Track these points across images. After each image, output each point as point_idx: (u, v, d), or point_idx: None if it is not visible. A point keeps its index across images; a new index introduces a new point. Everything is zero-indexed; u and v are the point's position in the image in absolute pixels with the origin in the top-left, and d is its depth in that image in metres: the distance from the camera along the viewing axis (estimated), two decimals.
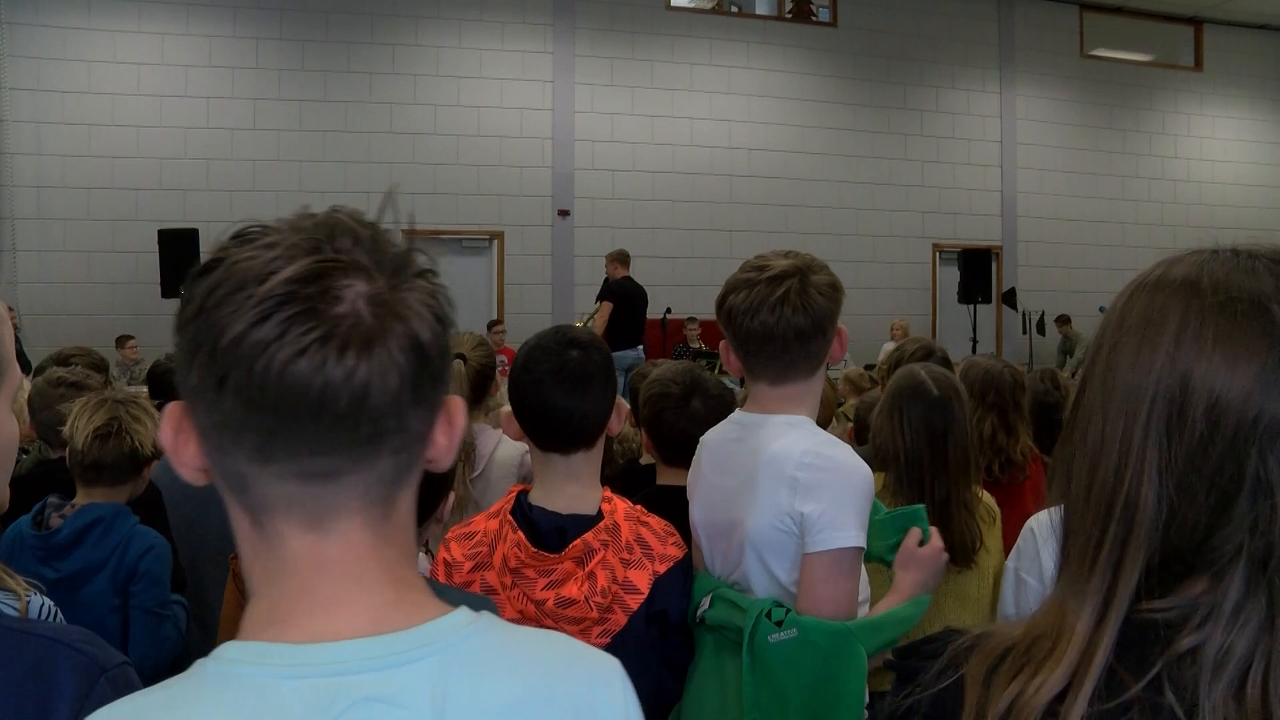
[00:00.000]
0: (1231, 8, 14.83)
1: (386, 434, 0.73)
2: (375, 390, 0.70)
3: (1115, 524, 0.75)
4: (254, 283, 0.69)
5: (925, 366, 2.57)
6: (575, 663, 0.83)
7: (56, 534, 2.43)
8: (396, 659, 0.73)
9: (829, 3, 13.70)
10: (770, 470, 1.78)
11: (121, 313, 10.57)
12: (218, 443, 0.72)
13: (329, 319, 0.69)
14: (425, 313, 0.74)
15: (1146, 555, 0.74)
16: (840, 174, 13.44)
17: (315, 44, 11.53)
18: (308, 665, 0.71)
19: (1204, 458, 0.73)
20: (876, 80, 13.68)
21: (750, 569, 1.82)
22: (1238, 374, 0.73)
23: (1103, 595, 0.74)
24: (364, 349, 0.69)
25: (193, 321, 0.71)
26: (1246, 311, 0.75)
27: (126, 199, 10.89)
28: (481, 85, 12.06)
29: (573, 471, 1.80)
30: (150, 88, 11.02)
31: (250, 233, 0.74)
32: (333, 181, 11.39)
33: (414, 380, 0.72)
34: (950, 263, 13.64)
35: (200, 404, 0.72)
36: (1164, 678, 0.71)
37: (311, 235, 0.72)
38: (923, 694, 0.81)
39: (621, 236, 11.95)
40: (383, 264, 0.73)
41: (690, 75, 12.85)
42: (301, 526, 0.74)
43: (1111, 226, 14.72)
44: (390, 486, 0.76)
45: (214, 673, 0.72)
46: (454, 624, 0.77)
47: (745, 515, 1.81)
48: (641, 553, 1.78)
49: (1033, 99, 14.48)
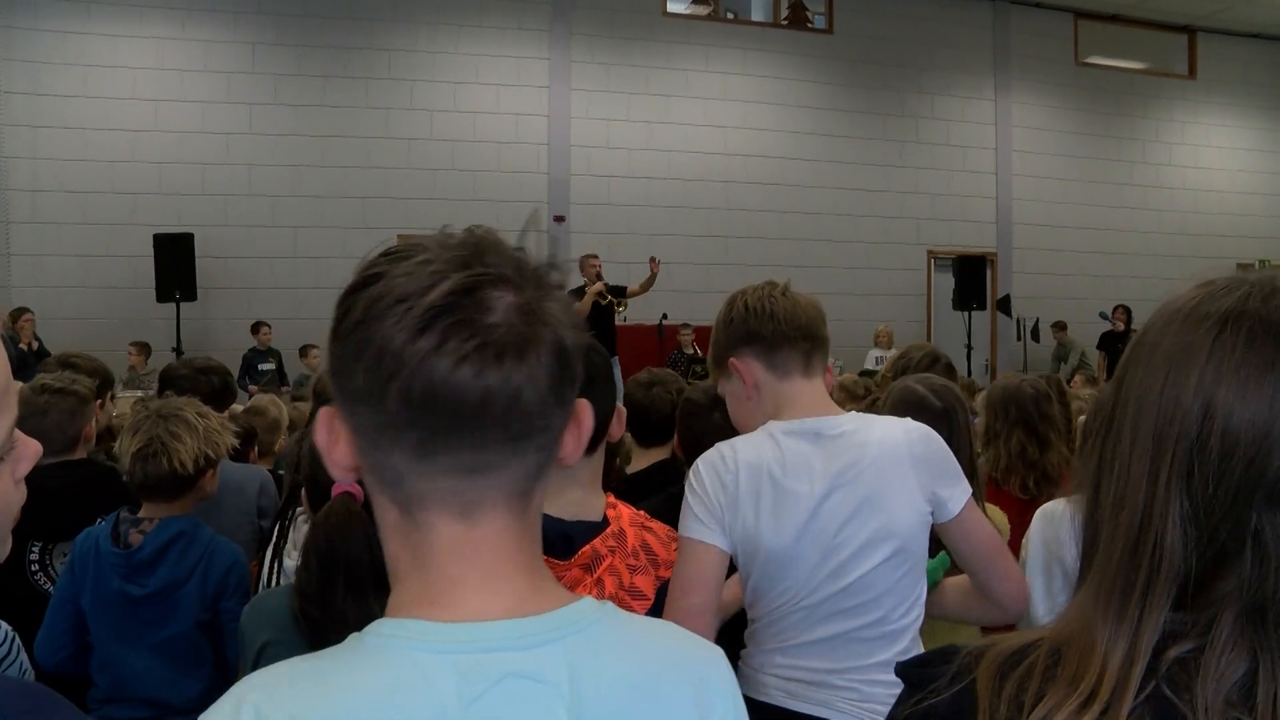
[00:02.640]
0: (1225, 16, 14.89)
1: (534, 432, 0.80)
2: (527, 393, 0.77)
3: (1145, 566, 0.76)
4: (416, 295, 0.75)
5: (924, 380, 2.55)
6: (689, 648, 0.92)
7: (139, 551, 2.43)
8: (537, 639, 0.79)
9: (825, 9, 13.74)
10: (893, 460, 1.85)
11: (117, 318, 10.56)
12: (377, 441, 0.79)
13: (484, 328, 0.75)
14: (565, 320, 0.81)
15: (1172, 593, 0.75)
16: (836, 180, 13.45)
17: (312, 49, 11.54)
18: (459, 642, 0.77)
19: (1216, 504, 0.74)
20: (872, 87, 13.71)
21: (896, 579, 1.85)
22: (1250, 404, 0.74)
23: (1131, 638, 0.75)
24: (518, 355, 0.76)
25: (355, 330, 0.77)
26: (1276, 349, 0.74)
27: (123, 203, 10.88)
28: (478, 91, 12.07)
29: (574, 478, 1.78)
30: (147, 92, 11.02)
31: (403, 251, 0.80)
32: (329, 187, 11.40)
33: (558, 382, 0.80)
34: (945, 269, 13.67)
35: (363, 407, 0.78)
36: (1161, 683, 0.73)
37: (460, 252, 0.79)
38: (937, 699, 0.82)
39: (617, 242, 11.96)
40: (526, 277, 0.80)
41: (686, 82, 12.87)
42: (451, 517, 0.80)
43: (1106, 234, 14.75)
44: (531, 480, 0.83)
45: (371, 646, 0.77)
46: (584, 610, 0.83)
47: (879, 510, 1.83)
48: (646, 559, 1.78)
49: (1028, 106, 14.51)
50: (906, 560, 1.84)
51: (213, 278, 10.77)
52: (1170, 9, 14.66)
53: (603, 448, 1.85)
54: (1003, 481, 3.04)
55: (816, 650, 1.85)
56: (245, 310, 10.86)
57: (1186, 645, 0.73)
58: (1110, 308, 13.03)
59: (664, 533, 1.86)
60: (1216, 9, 14.60)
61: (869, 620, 1.83)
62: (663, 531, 1.86)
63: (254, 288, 11.04)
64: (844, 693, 1.82)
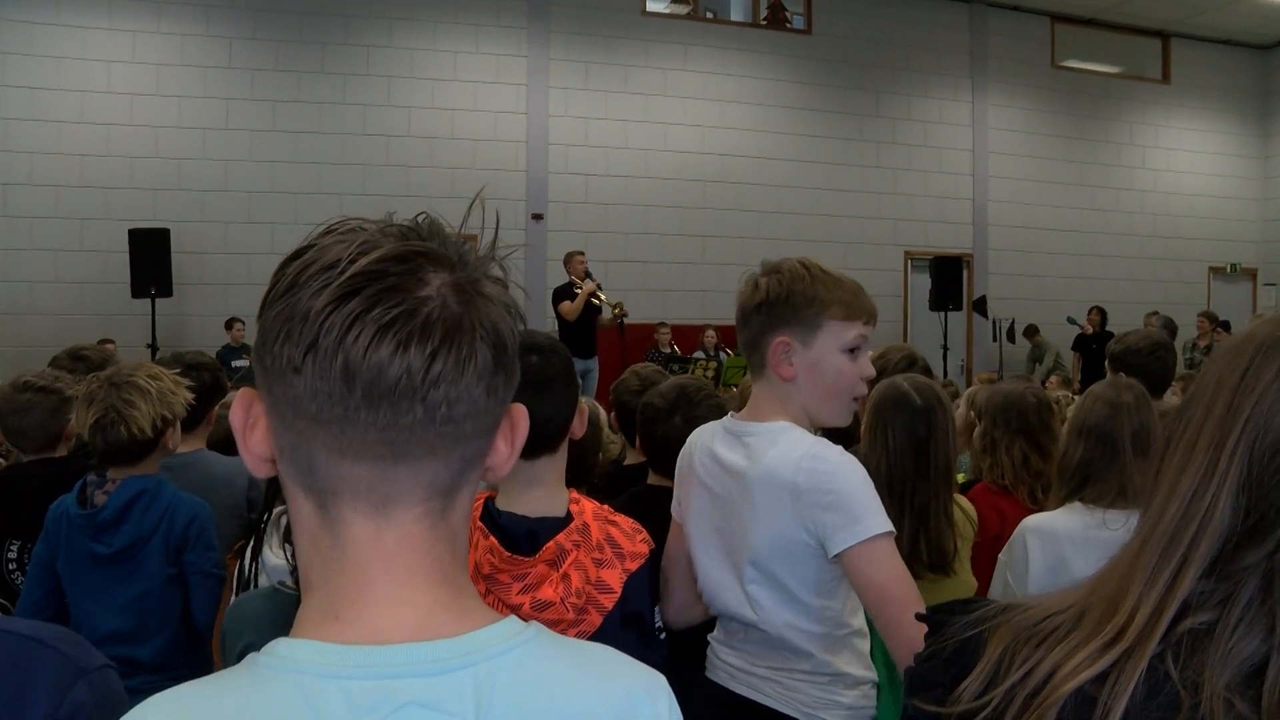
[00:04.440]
0: (1198, 22, 15.05)
1: (459, 420, 0.74)
2: (453, 375, 0.73)
3: (1195, 524, 0.78)
4: (346, 261, 0.71)
5: (908, 377, 2.57)
6: (621, 674, 0.84)
7: (102, 511, 2.48)
8: (445, 665, 0.73)
9: (803, 10, 13.78)
10: (768, 487, 1.80)
11: (90, 313, 10.46)
12: (292, 421, 0.74)
13: (414, 299, 0.71)
14: (500, 307, 0.77)
15: (1212, 554, 0.77)
16: (813, 180, 13.50)
17: (289, 44, 11.47)
18: (356, 667, 0.72)
19: (1268, 475, 0.76)
20: (849, 88, 13.76)
21: (749, 578, 1.86)
22: None
23: (1166, 589, 0.77)
24: (447, 333, 0.72)
25: (281, 298, 0.73)
26: None
27: (96, 198, 10.77)
28: (456, 88, 12.04)
29: (537, 476, 1.78)
30: (121, 86, 10.91)
31: (344, 224, 0.77)
32: (306, 183, 11.33)
33: (490, 372, 0.75)
34: (922, 270, 13.75)
35: (279, 382, 0.73)
36: (1167, 652, 0.74)
37: (400, 228, 0.76)
38: (946, 642, 0.87)
39: (595, 240, 11.95)
40: (465, 260, 0.77)
41: (664, 80, 12.88)
42: (364, 513, 0.75)
43: (1080, 235, 14.87)
44: (454, 478, 0.77)
45: (264, 667, 0.73)
46: (503, 632, 0.78)
47: (748, 526, 1.85)
48: (612, 552, 1.79)
49: (1004, 108, 14.61)
50: (780, 587, 1.83)
51: (188, 274, 10.69)
52: (1145, 14, 14.80)
53: (565, 446, 1.85)
54: (1012, 489, 3.00)
55: (741, 645, 1.93)
56: (220, 307, 10.78)
57: (1203, 617, 0.75)
58: (1085, 309, 13.15)
59: (629, 526, 1.87)
60: (1190, 15, 14.75)
61: (767, 632, 1.87)
62: (627, 525, 1.87)
63: (230, 284, 10.96)
64: (770, 683, 1.88)
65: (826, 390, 1.89)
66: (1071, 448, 2.44)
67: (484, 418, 0.77)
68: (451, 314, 0.73)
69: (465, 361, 0.73)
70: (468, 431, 0.76)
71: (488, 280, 0.78)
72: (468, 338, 0.73)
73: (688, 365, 9.39)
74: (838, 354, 1.88)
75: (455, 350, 0.72)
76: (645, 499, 2.50)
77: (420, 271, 0.73)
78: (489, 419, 0.78)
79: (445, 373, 0.72)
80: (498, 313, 0.76)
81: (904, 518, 2.32)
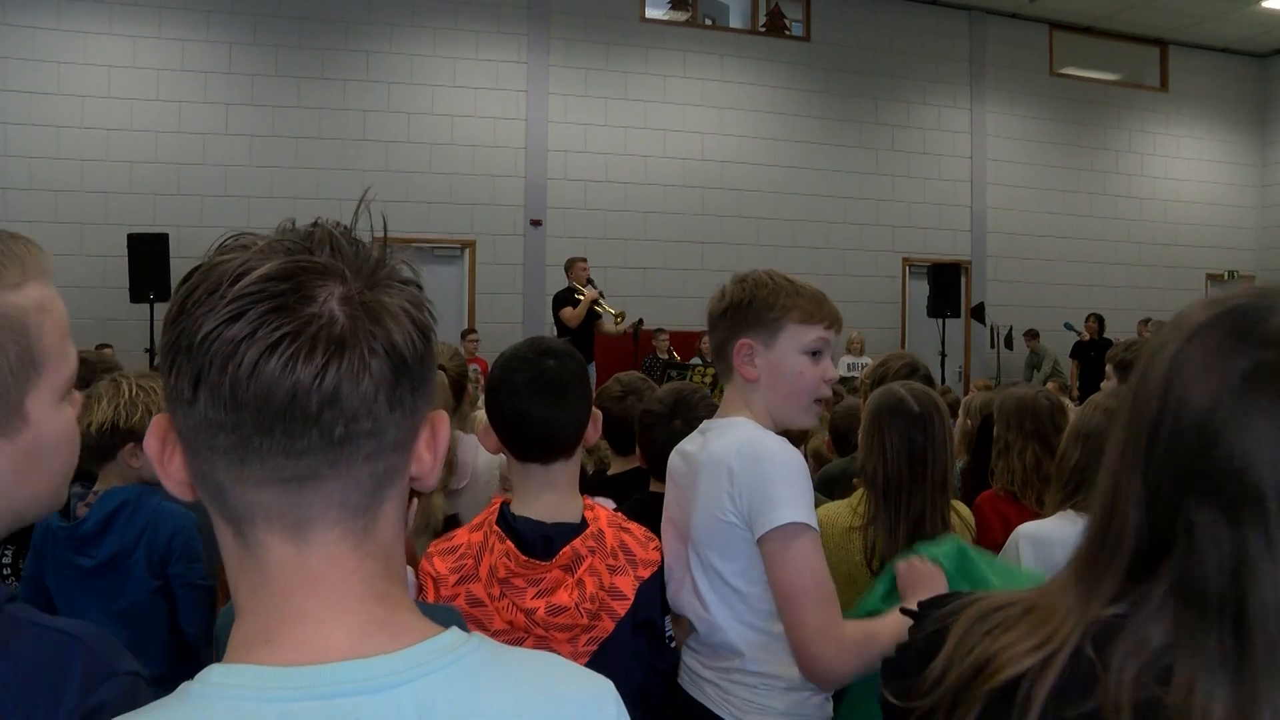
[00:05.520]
0: (1196, 30, 15.08)
1: (359, 437, 0.71)
2: (346, 391, 0.70)
3: (1108, 543, 0.84)
4: (228, 282, 0.69)
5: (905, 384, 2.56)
6: (566, 684, 0.82)
7: (84, 523, 2.45)
8: (385, 681, 0.71)
9: (802, 17, 13.80)
10: (710, 469, 1.86)
11: (89, 317, 10.44)
12: (195, 449, 0.72)
13: (300, 317, 0.69)
14: (401, 317, 0.73)
15: (1125, 568, 0.82)
16: (811, 187, 13.52)
17: (288, 50, 11.48)
18: (294, 689, 0.70)
19: (1163, 490, 0.80)
20: (848, 95, 13.79)
21: (694, 571, 1.90)
22: (1200, 395, 0.79)
23: (1085, 605, 0.83)
24: (335, 349, 0.69)
25: (173, 324, 0.71)
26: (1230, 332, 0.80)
27: (95, 202, 10.78)
28: (455, 94, 12.05)
29: (551, 481, 1.80)
30: (121, 91, 10.92)
31: (235, 241, 0.75)
32: (305, 188, 11.33)
33: (390, 385, 0.72)
34: (920, 277, 13.75)
35: (179, 407, 0.71)
36: (1088, 638, 0.81)
37: (289, 241, 0.73)
38: (919, 634, 0.93)
39: (593, 247, 11.95)
40: (360, 270, 0.73)
41: (664, 87, 12.90)
42: (281, 536, 0.73)
43: (1079, 243, 14.89)
44: (369, 496, 0.75)
45: (198, 695, 0.70)
46: (444, 645, 0.76)
47: (691, 511, 1.91)
48: (625, 559, 1.80)
49: (1002, 116, 14.64)
50: (714, 573, 1.85)
51: None
52: (1143, 22, 14.83)
53: (579, 452, 1.86)
54: (1020, 495, 2.98)
55: (696, 647, 1.96)
56: None
57: (1119, 608, 0.81)
58: (1082, 316, 13.17)
59: (641, 533, 1.89)
60: (1188, 23, 14.78)
61: (710, 624, 1.89)
62: (640, 532, 1.89)
63: None
64: (711, 685, 1.91)
65: (787, 391, 1.95)
66: (1069, 452, 2.45)
67: (390, 433, 0.74)
68: (339, 329, 0.70)
69: (357, 377, 0.70)
70: (371, 449, 0.73)
71: (391, 287, 0.74)
72: (357, 353, 0.70)
73: (685, 371, 9.39)
74: (798, 356, 1.95)
75: (345, 366, 0.69)
76: (648, 506, 2.49)
77: (307, 288, 0.70)
78: (397, 433, 0.75)
79: (334, 391, 0.69)
80: (396, 323, 0.73)
81: (900, 524, 2.32)
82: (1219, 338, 0.79)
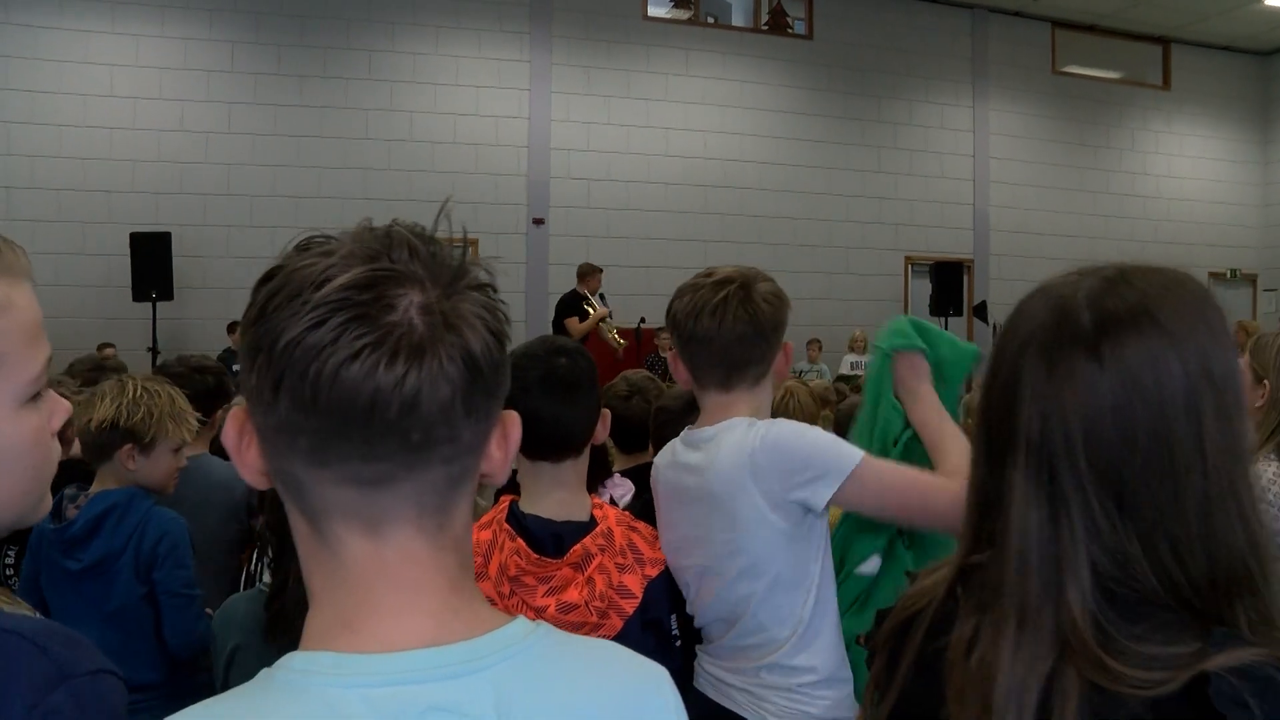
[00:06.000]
0: (1199, 29, 15.06)
1: (436, 443, 0.73)
2: (425, 398, 0.71)
3: (967, 514, 1.01)
4: (310, 288, 0.70)
5: None
6: (626, 670, 0.85)
7: (72, 525, 2.42)
8: (461, 668, 0.74)
9: (805, 15, 13.79)
10: (729, 474, 1.79)
11: (92, 317, 10.46)
12: (275, 446, 0.74)
13: (381, 326, 0.70)
14: (478, 325, 0.74)
15: (975, 534, 0.98)
16: (814, 186, 13.51)
17: (291, 49, 11.49)
18: (374, 675, 0.72)
19: (993, 462, 0.96)
20: (851, 93, 13.78)
21: (723, 574, 1.83)
22: (1005, 373, 0.95)
23: (961, 553, 1.00)
24: (414, 357, 0.70)
25: (253, 326, 0.73)
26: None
27: (98, 201, 10.78)
28: (458, 93, 12.05)
29: (561, 479, 1.80)
30: (123, 89, 10.93)
31: (312, 242, 0.76)
32: (308, 187, 11.34)
33: (465, 391, 0.73)
34: (922, 275, 13.75)
35: (259, 406, 0.73)
36: (957, 580, 0.99)
37: (369, 245, 0.74)
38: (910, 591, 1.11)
39: (596, 246, 11.96)
40: (438, 276, 0.74)
41: (666, 85, 12.89)
42: (358, 533, 0.75)
43: (1081, 241, 14.87)
44: (442, 496, 0.77)
45: (281, 682, 0.72)
46: (514, 634, 0.78)
47: (717, 521, 1.82)
48: (633, 558, 1.81)
49: (1005, 114, 14.63)
50: (761, 576, 1.81)
51: (190, 277, 10.69)
52: (1146, 20, 14.81)
53: (588, 450, 1.86)
54: None
55: (718, 654, 1.92)
56: (222, 310, 10.77)
57: (979, 558, 0.97)
58: None
59: (649, 532, 1.89)
60: (1191, 21, 14.76)
61: (743, 630, 1.85)
62: (647, 531, 1.89)
63: (232, 288, 10.96)
64: (743, 693, 1.87)
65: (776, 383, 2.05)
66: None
67: (465, 437, 0.75)
68: (419, 337, 0.71)
69: (436, 384, 0.71)
70: (447, 454, 0.75)
71: (467, 292, 0.75)
72: (435, 360, 0.71)
73: None
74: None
75: (424, 374, 0.71)
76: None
77: (387, 297, 0.71)
78: (472, 437, 0.76)
79: (413, 397, 0.70)
80: (472, 330, 0.74)
81: None
82: (1016, 319, 0.97)
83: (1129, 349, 0.88)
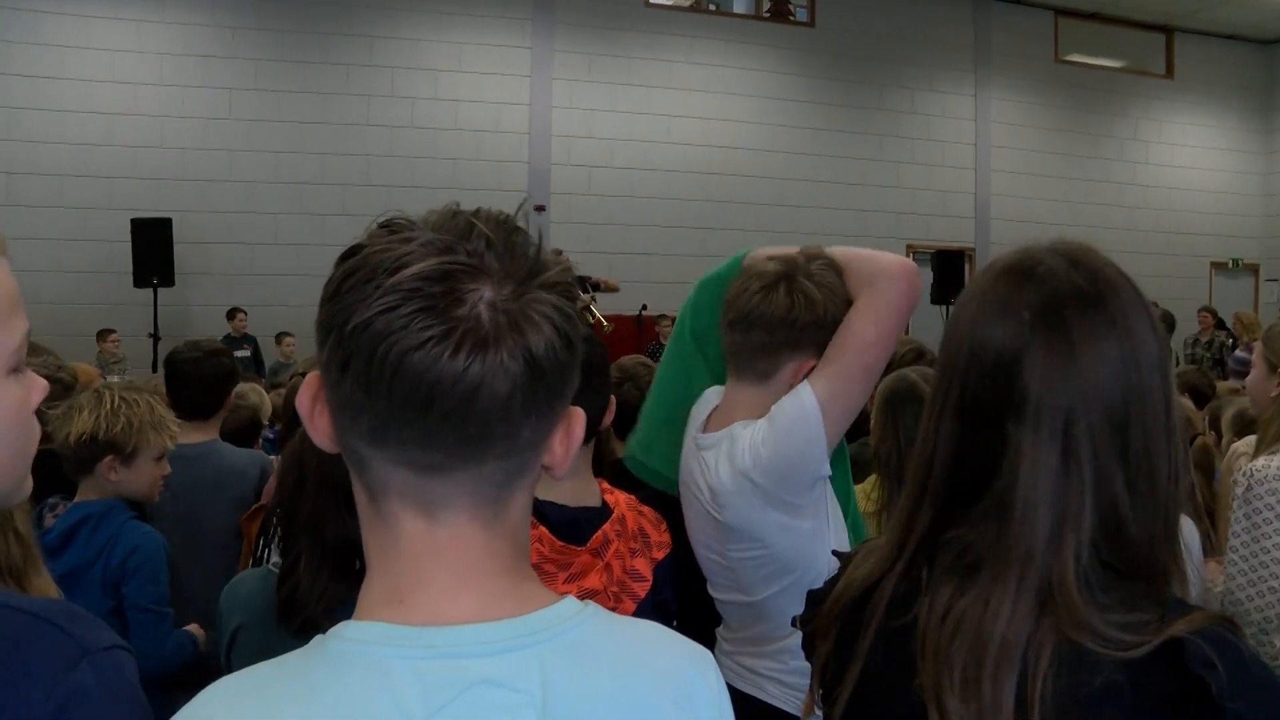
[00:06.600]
0: (1202, 17, 15.02)
1: (493, 438, 0.74)
2: (484, 394, 0.71)
3: (922, 482, 1.02)
4: (384, 274, 0.71)
5: (916, 370, 2.55)
6: (673, 651, 0.87)
7: (47, 534, 2.37)
8: (509, 644, 0.75)
9: (807, 3, 13.76)
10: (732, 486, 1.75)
11: (93, 302, 10.47)
12: (340, 420, 0.76)
13: (449, 319, 0.71)
14: (544, 325, 0.74)
15: (938, 503, 1.00)
16: (815, 173, 13.50)
17: (292, 34, 11.46)
18: (426, 647, 0.73)
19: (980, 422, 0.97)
20: (852, 81, 13.75)
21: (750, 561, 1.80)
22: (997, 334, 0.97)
23: (902, 537, 1.02)
24: (476, 352, 0.71)
25: (328, 303, 0.74)
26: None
27: (99, 187, 10.77)
28: (459, 79, 12.03)
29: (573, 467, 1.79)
30: (124, 75, 10.91)
31: (394, 224, 0.76)
32: (309, 173, 11.34)
33: (526, 390, 0.73)
34: (924, 263, 13.71)
35: (328, 380, 0.75)
36: (919, 557, 1.00)
37: (447, 234, 0.74)
38: (829, 580, 1.14)
39: (597, 233, 11.96)
40: (512, 271, 0.74)
41: (668, 73, 12.87)
42: (414, 512, 0.77)
43: (1083, 230, 14.57)
44: (498, 489, 0.78)
45: (334, 650, 0.74)
46: (563, 612, 0.79)
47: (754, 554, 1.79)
48: (642, 542, 1.83)
49: (1007, 102, 14.60)
50: (786, 575, 1.78)
51: (190, 263, 10.69)
52: (1149, 8, 14.77)
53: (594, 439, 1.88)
54: None
55: (744, 642, 1.91)
56: (223, 296, 10.79)
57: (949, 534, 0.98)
58: None
59: (653, 517, 1.92)
60: (1194, 9, 14.72)
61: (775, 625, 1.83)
62: (652, 515, 1.92)
63: (232, 274, 10.99)
64: (773, 682, 1.86)
65: None
66: None
67: (524, 434, 0.76)
68: (484, 334, 0.71)
69: (494, 380, 0.72)
70: (504, 449, 0.75)
71: (538, 291, 0.75)
72: (497, 358, 0.71)
73: None
74: None
75: (485, 370, 0.71)
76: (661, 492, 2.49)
77: (458, 290, 0.71)
78: (531, 434, 0.77)
79: (475, 393, 0.71)
80: (537, 331, 0.73)
81: None
82: (1005, 291, 0.98)
83: (1130, 312, 0.97)
